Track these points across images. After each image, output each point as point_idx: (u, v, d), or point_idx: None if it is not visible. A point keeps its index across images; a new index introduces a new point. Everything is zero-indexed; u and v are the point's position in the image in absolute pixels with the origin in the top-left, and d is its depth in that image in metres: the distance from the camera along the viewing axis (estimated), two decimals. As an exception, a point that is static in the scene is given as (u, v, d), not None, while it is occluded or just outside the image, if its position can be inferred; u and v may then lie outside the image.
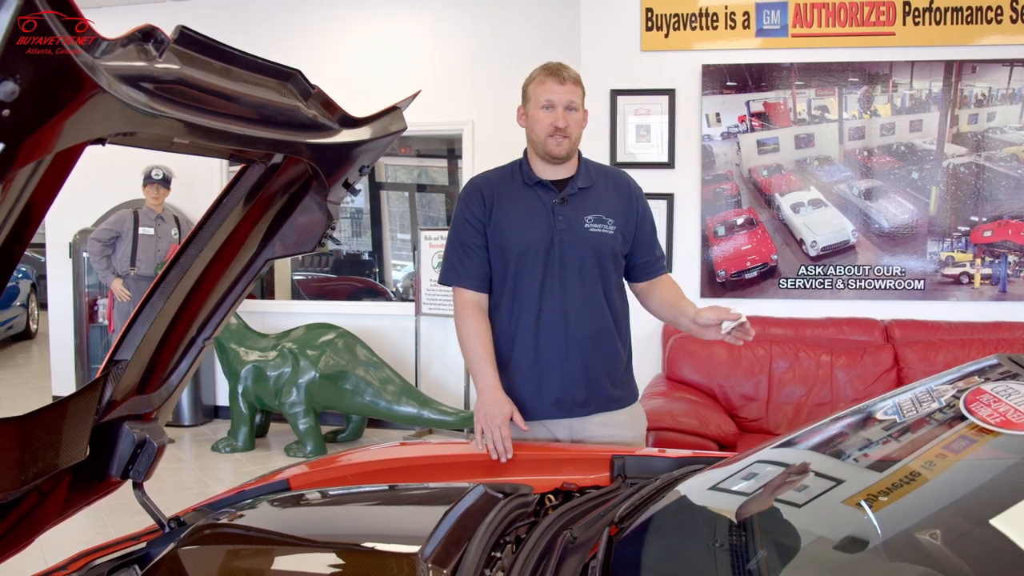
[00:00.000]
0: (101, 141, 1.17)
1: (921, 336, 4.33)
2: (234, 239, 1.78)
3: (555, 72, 2.28)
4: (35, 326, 10.78)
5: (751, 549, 1.22)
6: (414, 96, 1.93)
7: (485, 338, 2.30)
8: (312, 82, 1.55)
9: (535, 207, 2.32)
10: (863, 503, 1.17)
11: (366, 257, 8.71)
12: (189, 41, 1.19)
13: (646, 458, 1.93)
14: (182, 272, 1.68)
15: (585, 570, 1.25)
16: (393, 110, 1.87)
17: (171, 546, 1.39)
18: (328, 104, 1.62)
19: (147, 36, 1.12)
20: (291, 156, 1.65)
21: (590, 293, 2.32)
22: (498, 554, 1.32)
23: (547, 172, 2.34)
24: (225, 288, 1.83)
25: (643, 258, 2.41)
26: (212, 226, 1.69)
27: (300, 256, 8.46)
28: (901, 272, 4.60)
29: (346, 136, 1.70)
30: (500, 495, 1.51)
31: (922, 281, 4.59)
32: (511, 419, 2.16)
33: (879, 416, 1.45)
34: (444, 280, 2.40)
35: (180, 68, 1.19)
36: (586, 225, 2.30)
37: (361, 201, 8.62)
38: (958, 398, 1.31)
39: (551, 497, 1.77)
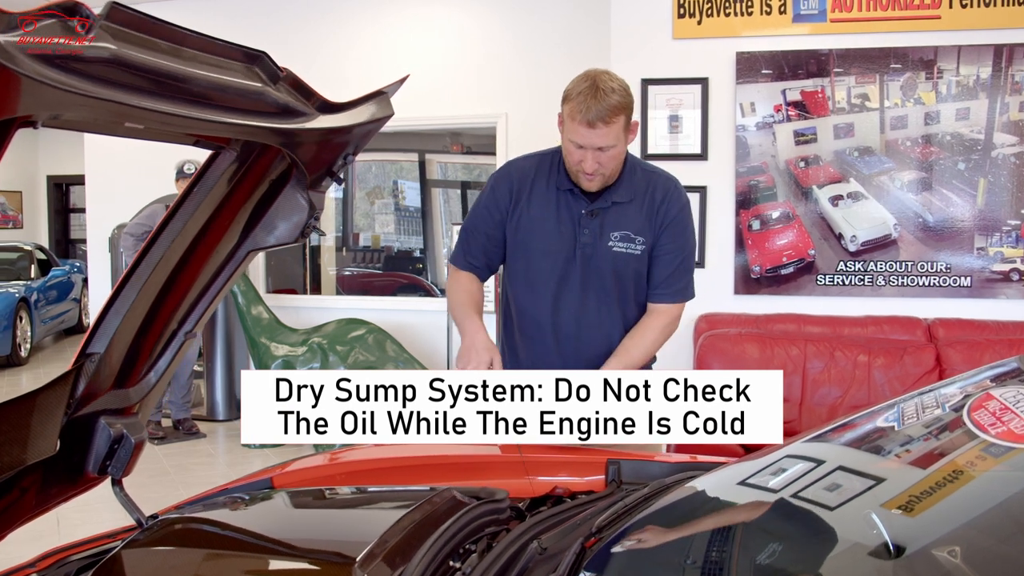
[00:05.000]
0: (32, 124, 1.12)
1: (966, 336, 4.11)
2: (212, 230, 1.71)
3: (586, 109, 2.00)
4: (87, 320, 11.02)
5: (727, 568, 1.11)
6: (402, 81, 1.84)
7: (477, 295, 2.26)
8: (281, 65, 1.48)
9: (562, 214, 2.19)
10: (839, 513, 1.06)
11: (417, 254, 8.72)
12: (123, 19, 1.12)
13: (643, 462, 1.83)
14: (152, 264, 1.62)
15: (548, 584, 1.16)
16: (379, 95, 1.79)
17: (124, 542, 1.34)
18: (301, 88, 1.54)
19: (71, 12, 1.06)
20: (264, 143, 1.59)
21: (606, 312, 2.22)
22: (457, 564, 1.24)
23: None
24: (206, 281, 1.77)
25: (652, 287, 2.26)
26: (183, 216, 1.63)
27: (346, 251, 8.42)
28: (946, 268, 4.38)
29: (324, 122, 1.63)
30: (470, 500, 1.42)
31: (969, 278, 4.37)
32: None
33: (879, 423, 1.33)
34: (451, 259, 2.35)
35: (115, 47, 1.12)
36: (610, 243, 2.18)
37: (418, 200, 8.65)
38: (963, 405, 1.19)
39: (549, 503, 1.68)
